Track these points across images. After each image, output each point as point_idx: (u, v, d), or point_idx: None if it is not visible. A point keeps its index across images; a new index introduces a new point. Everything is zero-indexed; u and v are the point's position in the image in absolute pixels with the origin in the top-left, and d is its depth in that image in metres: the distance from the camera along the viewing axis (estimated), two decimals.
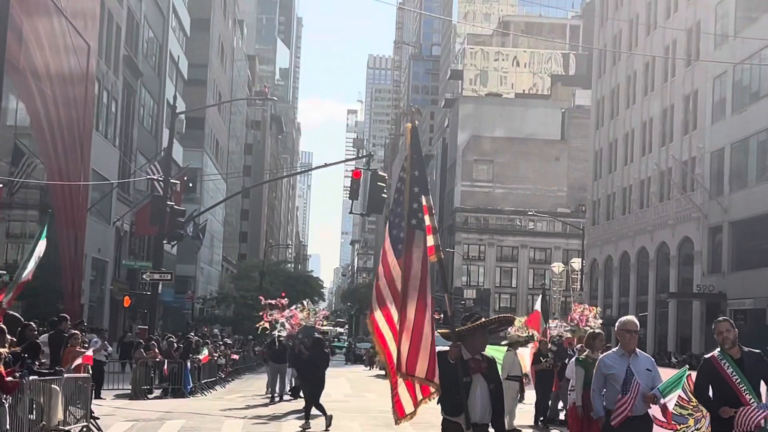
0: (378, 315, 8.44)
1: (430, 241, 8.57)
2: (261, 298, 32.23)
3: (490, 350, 9.22)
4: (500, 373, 8.94)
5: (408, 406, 8.47)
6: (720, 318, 10.67)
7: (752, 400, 9.96)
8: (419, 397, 8.38)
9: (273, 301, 29.94)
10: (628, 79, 69.54)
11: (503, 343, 21.83)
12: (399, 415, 8.56)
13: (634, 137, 67.55)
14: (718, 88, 54.73)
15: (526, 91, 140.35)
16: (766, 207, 42.74)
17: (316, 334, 26.08)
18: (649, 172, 63.41)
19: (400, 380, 8.36)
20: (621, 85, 70.84)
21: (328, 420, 20.25)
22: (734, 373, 10.03)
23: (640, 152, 66.05)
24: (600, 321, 26.47)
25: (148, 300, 44.87)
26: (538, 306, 24.24)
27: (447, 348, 8.43)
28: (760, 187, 47.34)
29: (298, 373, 24.98)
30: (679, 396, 11.61)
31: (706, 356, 10.58)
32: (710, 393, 10.20)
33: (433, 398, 8.45)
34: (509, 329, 22.26)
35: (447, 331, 8.57)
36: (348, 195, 31.96)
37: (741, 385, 9.98)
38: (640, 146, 66.21)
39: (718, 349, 10.29)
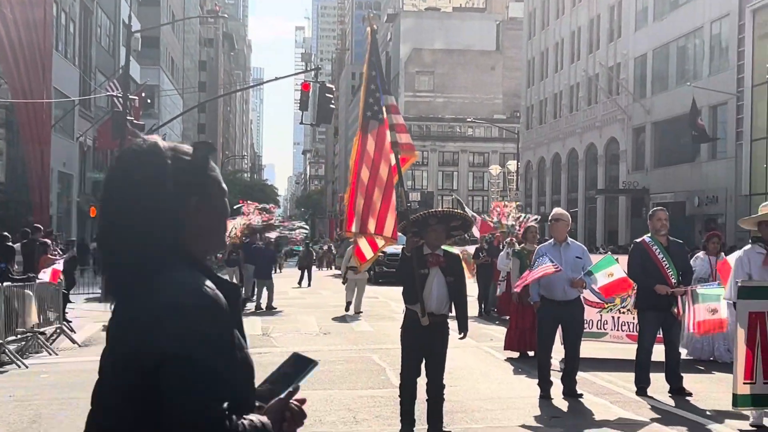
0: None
1: (406, 138, 8.90)
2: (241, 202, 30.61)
3: None
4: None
5: (368, 254, 9.14)
6: (659, 207, 10.88)
7: (676, 284, 10.23)
8: (380, 244, 9.04)
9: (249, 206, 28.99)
10: None
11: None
12: (360, 261, 9.39)
13: (563, 46, 67.48)
14: None
15: (462, 4, 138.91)
16: (685, 108, 43.06)
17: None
18: (578, 78, 63.55)
19: (359, 236, 9.03)
20: None
21: None
22: (663, 258, 10.27)
23: (569, 60, 66.09)
24: (520, 215, 26.85)
25: None
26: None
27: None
28: (679, 89, 47.62)
29: None
30: (615, 279, 11.69)
31: (637, 240, 10.81)
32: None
33: (391, 244, 9.20)
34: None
35: (403, 223, 8.68)
36: (298, 107, 31.57)
37: (668, 269, 10.23)
38: (569, 54, 66.20)
39: (649, 234, 10.51)
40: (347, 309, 22.83)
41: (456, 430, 8.60)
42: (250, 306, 25.00)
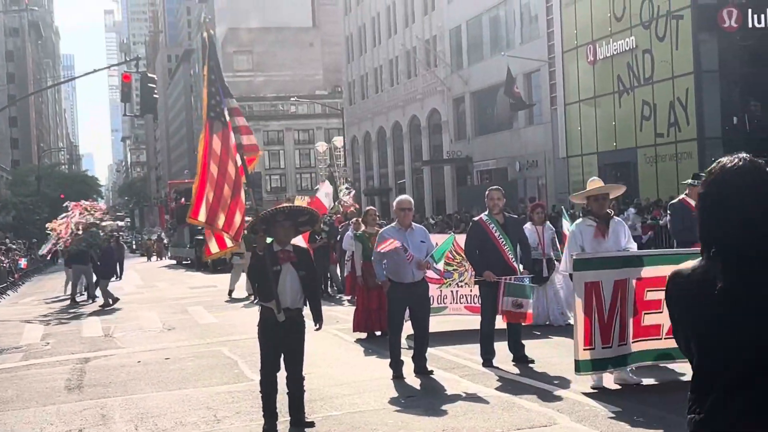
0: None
1: (249, 140, 8.97)
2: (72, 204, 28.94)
3: None
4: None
5: (213, 248, 9.23)
6: (493, 186, 11.39)
7: (513, 259, 10.77)
8: (228, 244, 9.08)
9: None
10: None
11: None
12: (206, 253, 9.50)
13: (380, 20, 68.25)
14: None
15: None
16: (500, 76, 44.44)
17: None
18: (396, 52, 64.47)
19: (207, 226, 9.15)
20: None
21: None
22: (500, 236, 10.77)
23: (386, 34, 66.92)
24: (352, 192, 27.70)
25: None
26: (320, 193, 24.50)
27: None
28: (494, 59, 49.08)
29: None
30: (446, 255, 12.31)
31: (475, 219, 11.31)
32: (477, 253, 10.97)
33: (236, 249, 9.57)
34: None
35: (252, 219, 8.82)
36: (119, 98, 30.84)
37: (505, 246, 10.75)
38: (386, 29, 67.03)
39: (486, 212, 11.00)
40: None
41: (317, 418, 8.79)
42: (86, 308, 24.46)
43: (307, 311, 8.67)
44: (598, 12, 39.39)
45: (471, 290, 14.09)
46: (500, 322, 11.25)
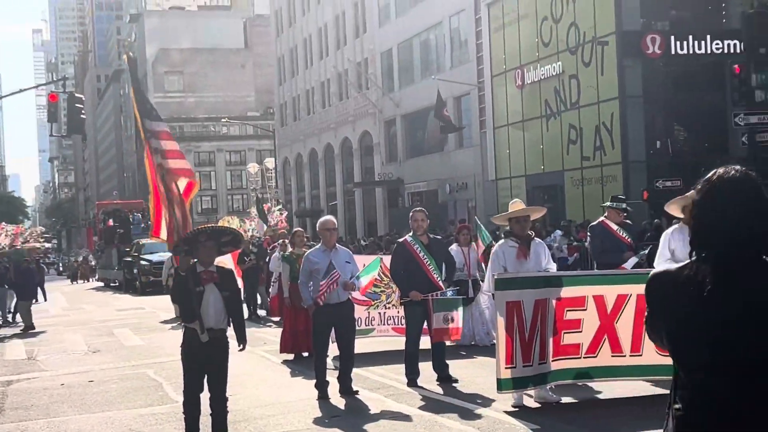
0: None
1: (175, 164, 8.94)
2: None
3: None
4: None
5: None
6: (417, 209, 11.52)
7: (438, 278, 10.94)
8: None
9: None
10: None
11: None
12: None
13: (311, 43, 68.42)
14: None
15: (207, 2, 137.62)
16: (431, 99, 44.75)
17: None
18: (328, 74, 64.68)
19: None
20: None
21: None
22: (424, 256, 10.94)
23: (318, 56, 67.09)
24: (284, 213, 27.64)
25: None
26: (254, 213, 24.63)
27: None
28: (424, 82, 49.45)
29: None
30: (374, 277, 12.40)
31: (400, 240, 11.47)
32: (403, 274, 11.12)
33: None
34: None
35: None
36: (46, 118, 30.45)
37: (429, 266, 10.92)
38: (318, 51, 67.20)
39: (410, 233, 11.16)
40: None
41: None
42: (8, 330, 23.99)
43: (231, 332, 8.68)
44: (526, 37, 39.99)
45: (398, 311, 14.18)
46: (425, 343, 11.38)
